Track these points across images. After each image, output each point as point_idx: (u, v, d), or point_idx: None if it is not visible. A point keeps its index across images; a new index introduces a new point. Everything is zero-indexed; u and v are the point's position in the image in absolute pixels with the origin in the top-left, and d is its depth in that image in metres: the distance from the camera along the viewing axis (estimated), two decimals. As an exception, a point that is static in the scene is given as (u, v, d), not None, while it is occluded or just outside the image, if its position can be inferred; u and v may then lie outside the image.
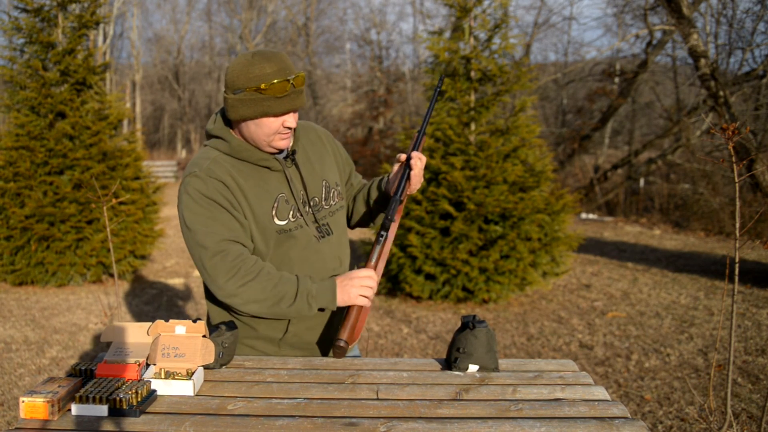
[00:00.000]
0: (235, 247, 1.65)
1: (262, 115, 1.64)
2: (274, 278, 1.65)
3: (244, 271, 1.63)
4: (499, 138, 6.03)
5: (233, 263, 1.63)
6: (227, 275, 1.62)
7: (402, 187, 1.80)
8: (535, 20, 19.54)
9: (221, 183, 1.66)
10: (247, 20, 27.68)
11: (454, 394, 1.48)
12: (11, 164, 6.43)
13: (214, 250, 1.63)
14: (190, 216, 1.66)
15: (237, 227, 1.67)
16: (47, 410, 1.31)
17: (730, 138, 2.16)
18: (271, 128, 1.67)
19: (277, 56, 1.64)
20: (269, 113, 1.64)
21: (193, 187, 1.66)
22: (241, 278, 1.62)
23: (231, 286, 1.63)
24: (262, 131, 1.67)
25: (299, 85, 1.66)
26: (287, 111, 1.65)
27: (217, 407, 1.39)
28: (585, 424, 1.33)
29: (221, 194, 1.66)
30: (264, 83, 1.61)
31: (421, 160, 1.80)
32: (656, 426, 3.35)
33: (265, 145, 1.70)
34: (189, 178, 1.68)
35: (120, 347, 1.58)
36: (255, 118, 1.65)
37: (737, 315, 5.41)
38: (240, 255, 1.64)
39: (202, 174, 1.67)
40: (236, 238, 1.66)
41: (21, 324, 5.29)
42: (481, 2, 6.19)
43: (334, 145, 1.94)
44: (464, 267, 5.61)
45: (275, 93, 1.62)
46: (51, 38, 6.61)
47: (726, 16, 11.16)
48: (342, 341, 1.66)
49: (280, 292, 1.64)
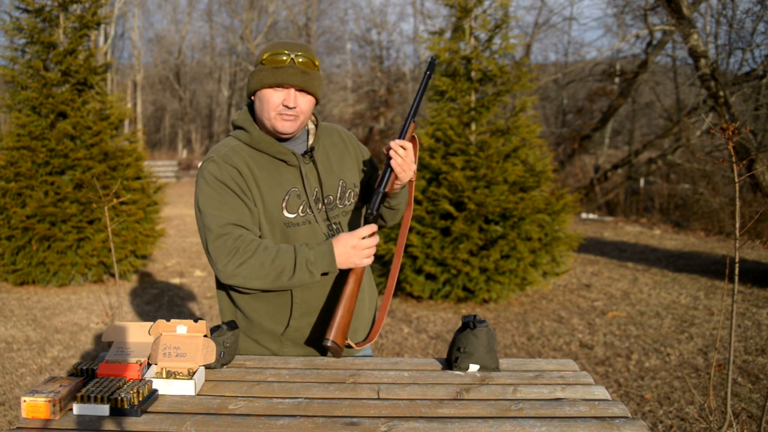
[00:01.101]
0: (237, 230, 1.68)
1: (259, 85, 1.71)
2: (272, 252, 1.67)
3: (243, 251, 1.65)
4: (500, 138, 6.03)
5: (233, 245, 1.66)
6: (227, 257, 1.65)
7: (385, 179, 1.75)
8: (535, 20, 19.55)
9: (235, 169, 1.72)
10: (248, 20, 27.69)
11: (455, 393, 1.48)
12: (12, 164, 6.44)
13: (218, 233, 1.67)
14: (203, 198, 1.71)
15: (245, 212, 1.71)
16: (49, 410, 1.32)
17: (730, 138, 2.16)
18: (270, 103, 1.71)
19: (294, 40, 1.73)
20: (265, 83, 1.69)
21: (208, 171, 1.72)
22: (239, 257, 1.65)
23: (230, 267, 1.65)
24: (264, 107, 1.72)
25: (302, 64, 1.70)
26: (280, 83, 1.69)
27: (218, 407, 1.39)
28: (585, 423, 1.33)
29: (234, 180, 1.71)
30: (266, 54, 1.71)
31: (404, 148, 1.73)
32: (656, 425, 3.35)
33: (270, 126, 1.74)
34: (206, 162, 1.75)
35: (121, 347, 1.58)
36: (255, 89, 1.72)
37: (737, 315, 5.41)
38: (240, 236, 1.67)
39: (219, 159, 1.73)
40: (242, 222, 1.69)
41: (22, 324, 5.30)
42: (481, 2, 6.19)
43: (357, 148, 1.95)
44: (465, 267, 5.61)
45: (272, 64, 1.69)
46: (52, 38, 6.61)
47: (726, 17, 11.17)
48: (329, 341, 1.67)
49: (279, 266, 1.66)
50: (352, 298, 1.73)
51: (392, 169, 1.74)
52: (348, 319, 1.71)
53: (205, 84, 32.87)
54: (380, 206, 1.76)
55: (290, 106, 1.70)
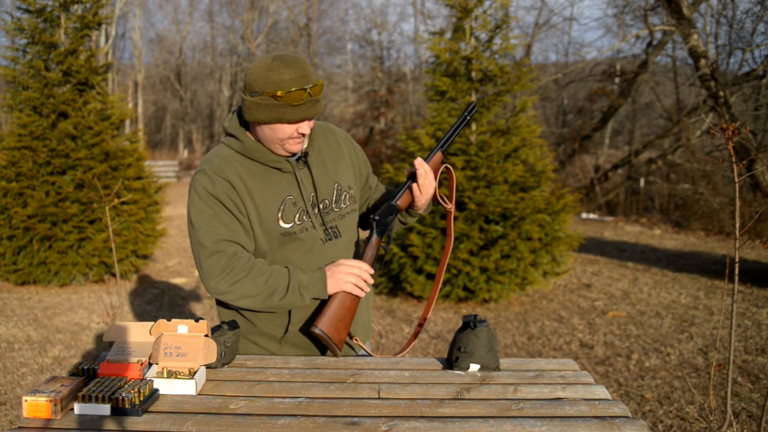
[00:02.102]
0: (232, 247, 1.68)
1: (276, 121, 1.64)
2: (266, 273, 1.68)
3: (237, 269, 1.66)
4: (500, 138, 6.04)
5: (228, 263, 1.66)
6: (221, 275, 1.66)
7: (400, 192, 1.82)
8: (535, 21, 19.53)
9: (228, 183, 1.69)
10: (248, 21, 27.68)
11: (456, 393, 1.49)
12: (14, 164, 6.44)
13: (212, 249, 1.67)
14: (195, 213, 1.70)
15: (238, 228, 1.70)
16: (50, 409, 1.32)
17: (730, 138, 2.16)
18: (285, 133, 1.68)
19: (297, 62, 1.63)
20: (283, 120, 1.64)
21: (200, 185, 1.70)
22: (233, 276, 1.66)
23: (223, 285, 1.67)
24: (276, 135, 1.68)
25: (316, 94, 1.64)
26: (302, 119, 1.65)
27: (219, 406, 1.40)
28: (586, 423, 1.33)
29: (227, 195, 1.69)
30: (281, 90, 1.60)
31: (426, 171, 1.78)
32: (656, 425, 3.36)
33: (279, 148, 1.72)
34: (198, 175, 1.72)
35: (122, 346, 1.59)
36: (269, 123, 1.66)
37: (737, 314, 5.42)
38: (235, 254, 1.67)
39: (211, 172, 1.70)
40: (235, 238, 1.69)
41: (23, 323, 5.31)
42: (482, 3, 6.19)
43: (351, 148, 1.94)
44: (465, 267, 5.62)
45: (291, 101, 1.61)
46: (53, 39, 6.61)
47: (726, 17, 11.16)
48: (317, 328, 1.70)
49: (271, 286, 1.68)
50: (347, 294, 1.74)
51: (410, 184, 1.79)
52: (341, 313, 1.72)
53: (206, 84, 32.86)
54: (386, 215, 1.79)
55: (306, 133, 1.69)
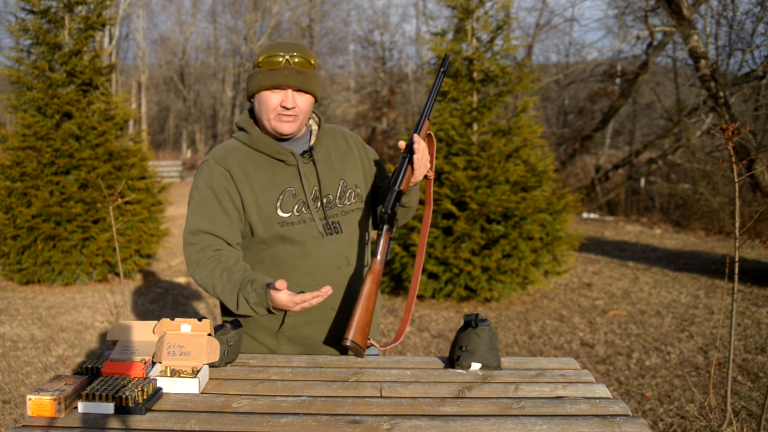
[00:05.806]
0: (205, 240, 1.75)
1: (257, 87, 1.73)
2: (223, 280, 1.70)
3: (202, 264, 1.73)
4: (501, 138, 6.04)
5: (196, 257, 1.74)
6: (192, 267, 1.75)
7: (400, 176, 1.75)
8: (536, 22, 19.50)
9: (227, 172, 1.76)
10: (251, 21, 27.69)
11: (457, 392, 1.50)
12: (18, 164, 6.46)
13: (188, 240, 1.76)
14: (191, 197, 1.79)
15: (221, 220, 1.75)
16: (54, 408, 1.33)
17: (730, 138, 2.17)
18: (269, 105, 1.73)
19: (289, 41, 1.76)
20: (262, 85, 1.72)
21: (201, 174, 1.79)
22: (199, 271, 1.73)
23: (194, 276, 1.75)
24: (263, 109, 1.75)
25: (297, 64, 1.71)
26: (277, 84, 1.70)
27: (222, 405, 1.41)
28: (587, 421, 1.34)
29: (222, 184, 1.75)
30: (261, 57, 1.72)
31: (424, 147, 1.76)
32: (657, 424, 3.36)
33: (270, 128, 1.77)
34: (203, 164, 1.80)
35: (126, 345, 1.60)
36: (254, 92, 1.75)
37: (737, 313, 5.42)
38: (202, 249, 1.74)
39: (213, 162, 1.78)
40: (214, 231, 1.75)
41: (28, 322, 5.32)
42: (483, 4, 6.20)
43: (362, 149, 1.96)
44: (467, 266, 5.63)
45: (268, 66, 1.71)
46: (57, 39, 6.63)
47: (726, 18, 11.15)
48: (348, 340, 1.68)
49: (225, 296, 1.71)
50: (370, 298, 1.73)
51: (410, 164, 1.76)
52: (367, 319, 1.71)
53: (209, 85, 32.90)
54: (395, 204, 1.76)
55: (288, 106, 1.72)
